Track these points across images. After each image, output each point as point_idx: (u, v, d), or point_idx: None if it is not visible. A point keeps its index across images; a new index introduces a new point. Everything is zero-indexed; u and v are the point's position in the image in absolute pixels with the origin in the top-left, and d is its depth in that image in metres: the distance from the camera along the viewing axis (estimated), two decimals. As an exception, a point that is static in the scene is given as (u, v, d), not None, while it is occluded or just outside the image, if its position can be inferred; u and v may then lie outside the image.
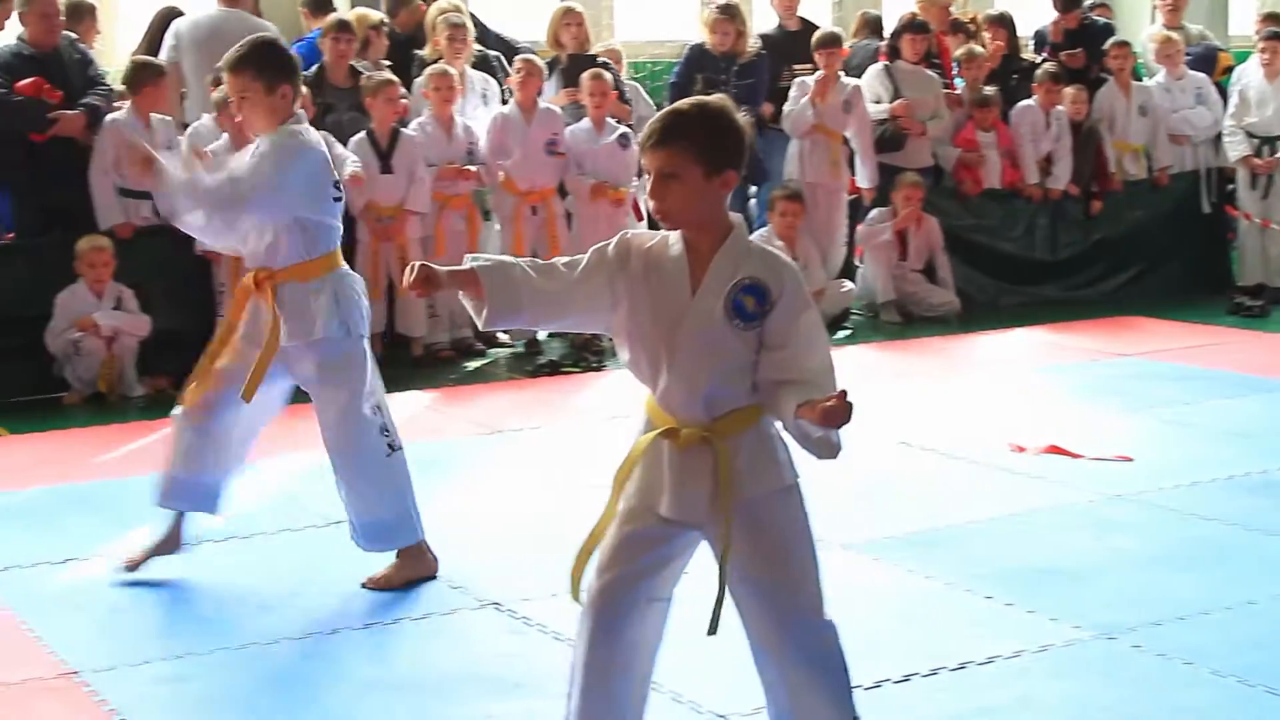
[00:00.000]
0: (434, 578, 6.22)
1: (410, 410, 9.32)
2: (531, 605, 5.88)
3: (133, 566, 6.29)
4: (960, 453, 8.04)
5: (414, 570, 6.24)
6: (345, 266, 6.36)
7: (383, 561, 6.23)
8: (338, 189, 6.25)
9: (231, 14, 10.99)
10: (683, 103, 4.06)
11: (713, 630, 4.18)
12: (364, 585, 6.16)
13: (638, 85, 12.85)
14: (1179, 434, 8.45)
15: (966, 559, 6.36)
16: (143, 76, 10.02)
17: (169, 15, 11.47)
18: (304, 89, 10.04)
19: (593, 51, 11.99)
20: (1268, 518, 6.84)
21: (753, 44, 12.24)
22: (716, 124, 3.98)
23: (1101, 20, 14.03)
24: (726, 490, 4.05)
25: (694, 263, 4.01)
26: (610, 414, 9.02)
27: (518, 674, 5.25)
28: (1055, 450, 7.96)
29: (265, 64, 6.07)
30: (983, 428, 8.54)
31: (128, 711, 5.00)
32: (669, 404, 4.02)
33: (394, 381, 9.94)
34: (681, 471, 4.04)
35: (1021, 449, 8.02)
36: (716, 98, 4.09)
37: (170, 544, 6.33)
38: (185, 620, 5.90)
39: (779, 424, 4.17)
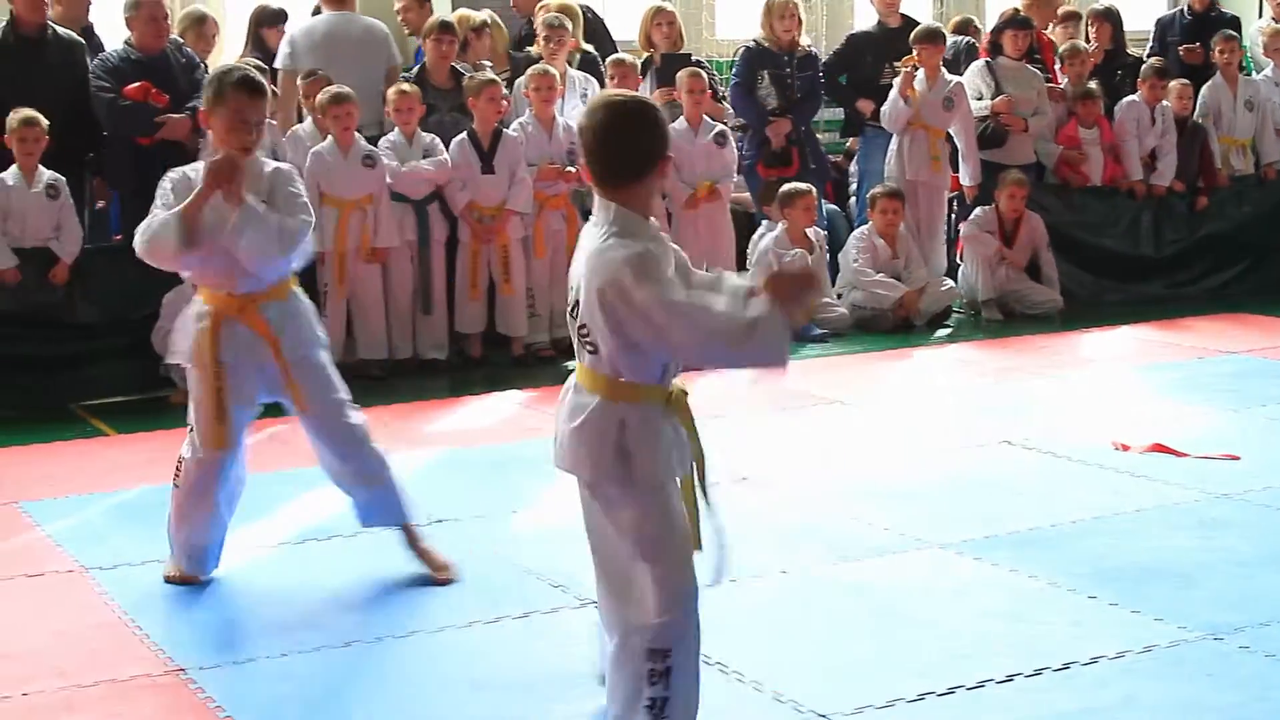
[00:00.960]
0: None
1: (510, 409, 9.39)
2: (633, 604, 5.89)
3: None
4: (1063, 451, 7.98)
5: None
6: None
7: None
8: None
9: (343, 17, 11.11)
10: None
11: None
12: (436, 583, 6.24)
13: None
14: (1286, 432, 8.37)
15: (1069, 559, 6.32)
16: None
17: (261, 16, 11.57)
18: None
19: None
20: (1377, 517, 6.78)
21: (805, 39, 12.26)
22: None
23: (1229, 13, 13.91)
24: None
25: None
26: (711, 413, 8.99)
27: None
28: (1160, 449, 7.90)
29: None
30: (1086, 426, 8.48)
31: (234, 709, 5.04)
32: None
33: (494, 381, 10.10)
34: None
35: (1126, 448, 7.97)
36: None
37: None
38: (288, 618, 5.93)
39: None
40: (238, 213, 5.86)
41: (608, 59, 11.38)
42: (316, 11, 11.50)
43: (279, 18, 11.67)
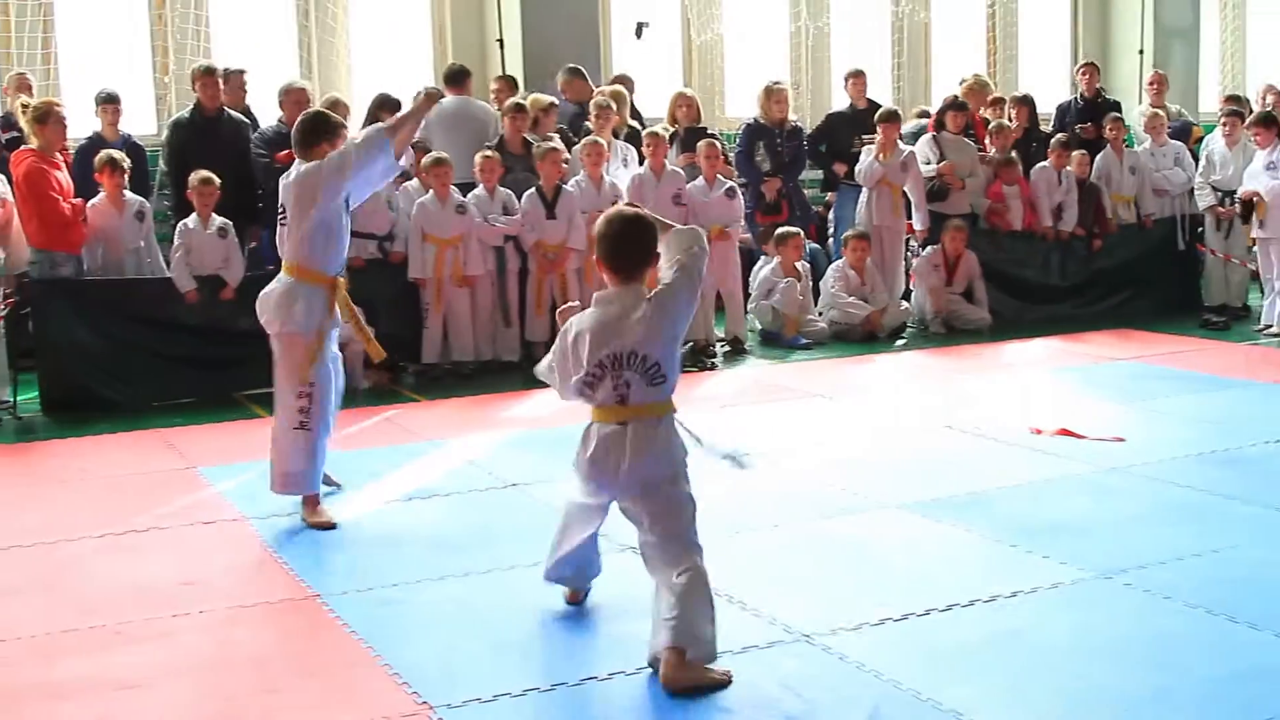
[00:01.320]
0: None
1: (565, 404, 9.37)
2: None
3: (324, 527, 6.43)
4: (991, 434, 7.96)
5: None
6: None
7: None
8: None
9: (463, 100, 11.40)
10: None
11: None
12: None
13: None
14: (1161, 420, 8.32)
15: (995, 516, 6.31)
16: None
17: (385, 100, 11.64)
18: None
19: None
20: (1230, 486, 6.73)
21: (792, 117, 12.27)
22: None
23: (1113, 99, 13.91)
24: None
25: None
26: (721, 404, 9.03)
27: (650, 602, 5.22)
28: (1065, 433, 7.87)
29: (297, 140, 6.59)
30: (1008, 415, 8.45)
31: (356, 625, 5.08)
32: None
33: (556, 380, 10.06)
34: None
35: (1039, 431, 7.94)
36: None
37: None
38: (399, 557, 5.94)
39: None
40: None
41: (644, 131, 11.36)
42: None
43: (395, 105, 11.74)
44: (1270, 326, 11.57)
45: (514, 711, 4.32)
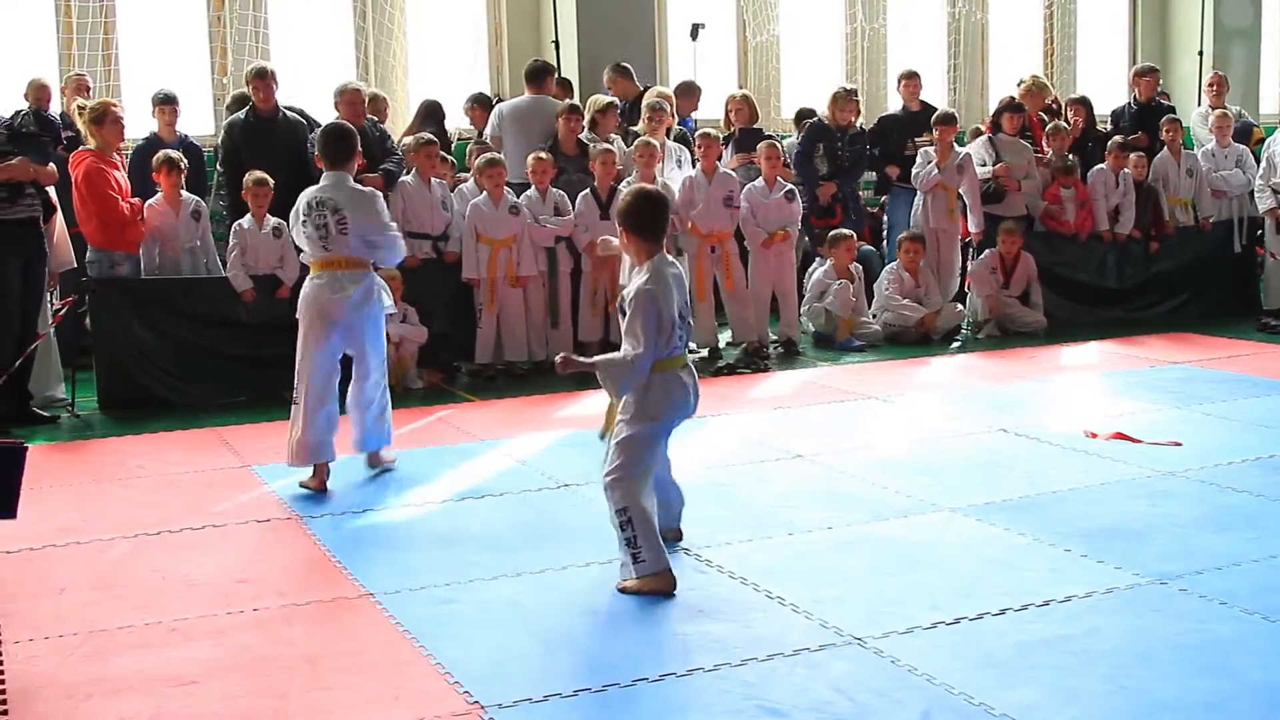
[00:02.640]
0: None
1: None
2: (712, 550, 5.90)
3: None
4: (1045, 437, 7.91)
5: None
6: None
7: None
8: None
9: (538, 99, 11.42)
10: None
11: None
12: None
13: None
14: (1218, 425, 8.24)
15: (1049, 520, 6.27)
16: (420, 148, 10.17)
17: (432, 106, 11.72)
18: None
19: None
20: (1289, 491, 6.68)
21: (859, 120, 12.25)
22: None
23: (1167, 103, 13.78)
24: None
25: None
26: (775, 405, 9.02)
27: (701, 603, 5.27)
28: (1121, 436, 7.82)
29: (323, 152, 7.23)
30: (1063, 418, 8.40)
31: (409, 624, 5.10)
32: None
33: (610, 379, 10.08)
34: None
35: (1094, 435, 7.89)
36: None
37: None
38: (451, 556, 5.97)
39: None
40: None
41: (697, 133, 11.35)
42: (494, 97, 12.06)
43: (440, 114, 11.87)
44: (1330, 330, 11.45)
45: (565, 712, 4.32)
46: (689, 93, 12.75)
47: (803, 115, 12.93)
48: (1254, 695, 4.32)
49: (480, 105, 12.24)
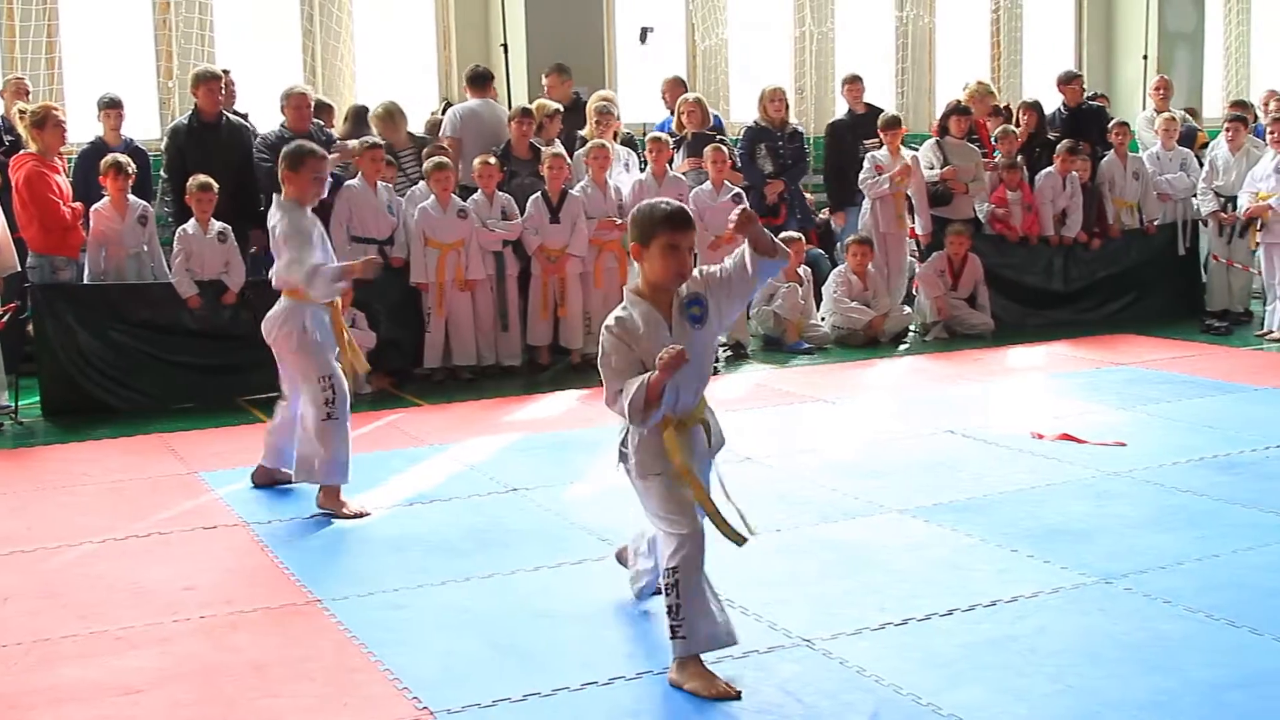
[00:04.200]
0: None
1: (569, 404, 9.40)
2: (662, 553, 5.91)
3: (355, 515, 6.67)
4: (992, 439, 7.97)
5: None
6: None
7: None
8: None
9: (486, 103, 11.52)
10: (673, 203, 4.62)
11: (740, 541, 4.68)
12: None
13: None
14: (1162, 425, 8.33)
15: (997, 521, 6.31)
16: (365, 152, 10.13)
17: (361, 110, 11.68)
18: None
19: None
20: (1230, 490, 6.75)
21: (793, 120, 12.31)
22: None
23: (1096, 105, 13.90)
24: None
25: (663, 306, 4.56)
26: (724, 408, 9.00)
27: (652, 606, 5.26)
28: (1066, 437, 7.88)
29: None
30: (1010, 419, 8.47)
31: (357, 630, 5.08)
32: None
33: (556, 382, 10.14)
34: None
35: (1040, 436, 7.95)
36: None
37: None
38: (399, 561, 5.96)
39: None
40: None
41: (648, 136, 11.36)
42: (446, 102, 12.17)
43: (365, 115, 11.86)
44: (1272, 332, 11.58)
45: (514, 716, 4.32)
46: (679, 87, 12.81)
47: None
48: (1198, 693, 4.37)
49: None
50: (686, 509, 4.53)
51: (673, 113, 12.32)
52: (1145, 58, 16.74)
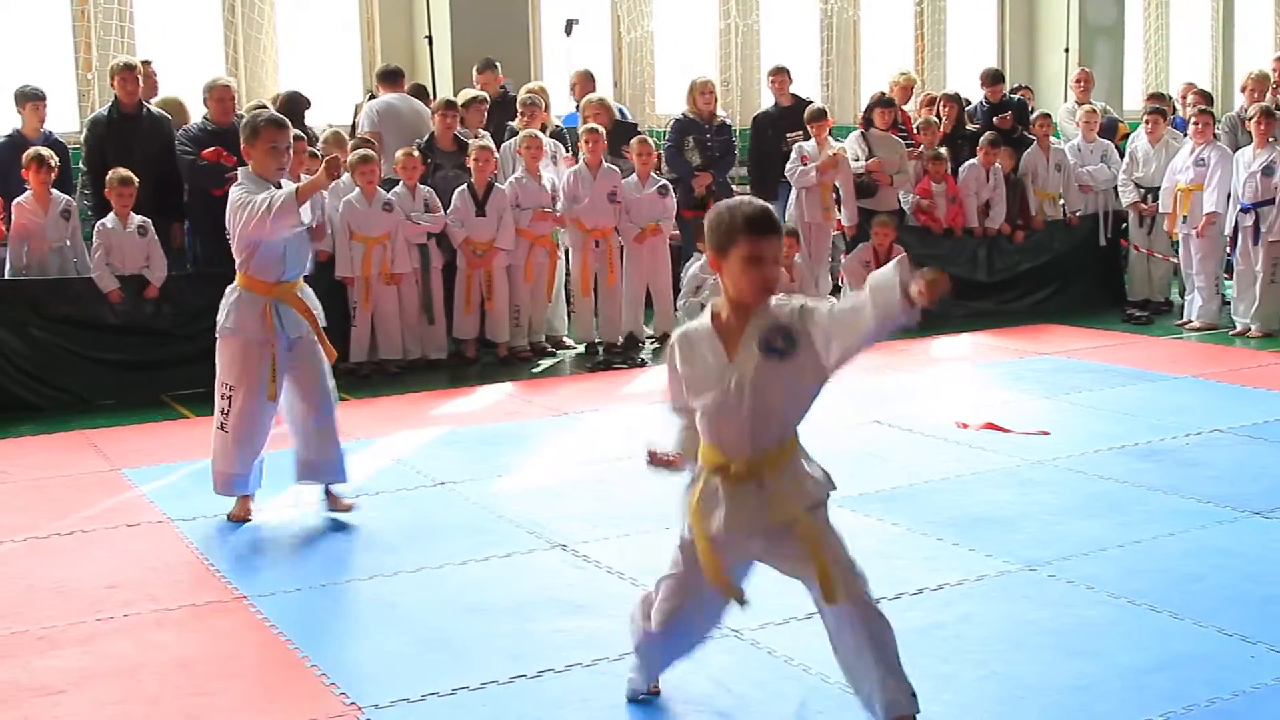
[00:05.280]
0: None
1: (496, 397, 9.39)
2: (590, 546, 5.92)
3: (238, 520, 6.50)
4: (918, 428, 8.04)
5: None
6: None
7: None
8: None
9: (400, 96, 11.65)
10: (758, 203, 3.91)
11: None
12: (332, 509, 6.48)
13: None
14: (1085, 414, 8.43)
15: (922, 510, 6.38)
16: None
17: (292, 99, 11.61)
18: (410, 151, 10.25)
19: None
20: (1150, 477, 6.85)
21: (720, 112, 12.35)
22: None
23: (1018, 98, 14.03)
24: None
25: (728, 328, 3.86)
26: (650, 400, 9.04)
27: (580, 598, 5.29)
28: (991, 426, 7.96)
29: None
30: (935, 409, 8.54)
31: (284, 626, 5.06)
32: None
33: (484, 376, 10.11)
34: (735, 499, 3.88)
35: (965, 425, 8.03)
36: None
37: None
38: (326, 556, 5.95)
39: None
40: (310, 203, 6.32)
41: (583, 128, 11.32)
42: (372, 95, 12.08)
43: (304, 103, 11.75)
44: (1191, 321, 11.75)
45: (444, 711, 4.31)
46: (589, 82, 12.80)
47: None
48: (1121, 677, 4.43)
49: None
50: (688, 576, 3.98)
51: (578, 108, 12.33)
52: (1067, 51, 16.92)
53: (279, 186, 6.31)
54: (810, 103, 12.56)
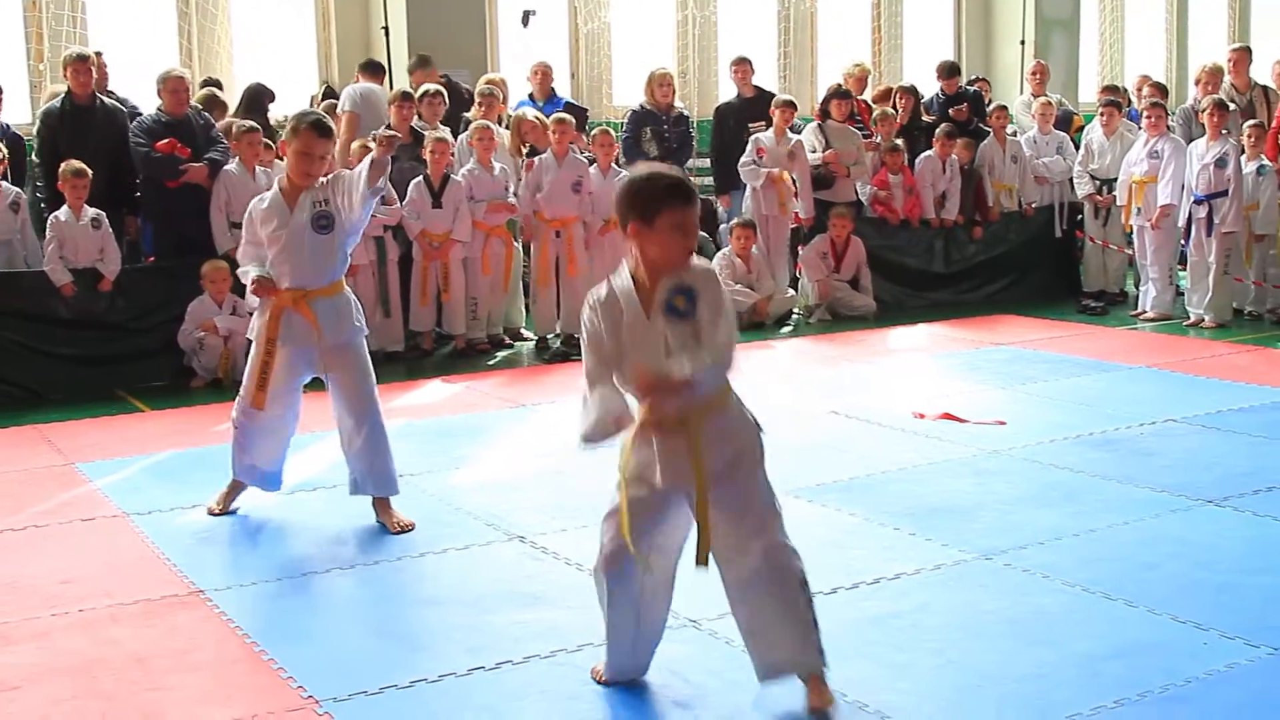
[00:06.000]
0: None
1: (453, 390, 9.37)
2: (548, 538, 5.92)
3: (214, 513, 6.41)
4: (875, 419, 8.07)
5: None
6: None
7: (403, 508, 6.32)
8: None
9: (382, 88, 11.77)
10: (674, 171, 4.13)
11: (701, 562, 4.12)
12: (394, 532, 6.12)
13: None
14: (1040, 404, 8.48)
15: (880, 500, 6.40)
16: (242, 136, 10.01)
17: (257, 91, 11.59)
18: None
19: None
20: (1105, 466, 6.89)
21: (678, 104, 12.37)
22: None
23: (974, 90, 14.09)
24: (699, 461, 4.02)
25: (643, 290, 4.00)
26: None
27: (538, 590, 5.29)
28: (947, 416, 8.00)
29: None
30: (892, 400, 8.57)
31: (241, 620, 5.03)
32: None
33: (439, 368, 10.11)
34: (667, 451, 4.02)
35: (922, 416, 8.06)
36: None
37: (231, 500, 6.47)
38: (284, 550, 5.93)
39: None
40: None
41: (552, 117, 11.27)
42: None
43: (269, 96, 11.74)
44: (1145, 312, 11.83)
45: (402, 703, 4.31)
46: (543, 73, 12.78)
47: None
48: (1077, 664, 4.47)
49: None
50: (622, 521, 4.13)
51: (532, 99, 12.36)
52: (1022, 43, 17.02)
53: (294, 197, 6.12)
54: (773, 95, 12.58)
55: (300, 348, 6.15)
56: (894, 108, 13.10)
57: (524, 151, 10.91)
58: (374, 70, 11.95)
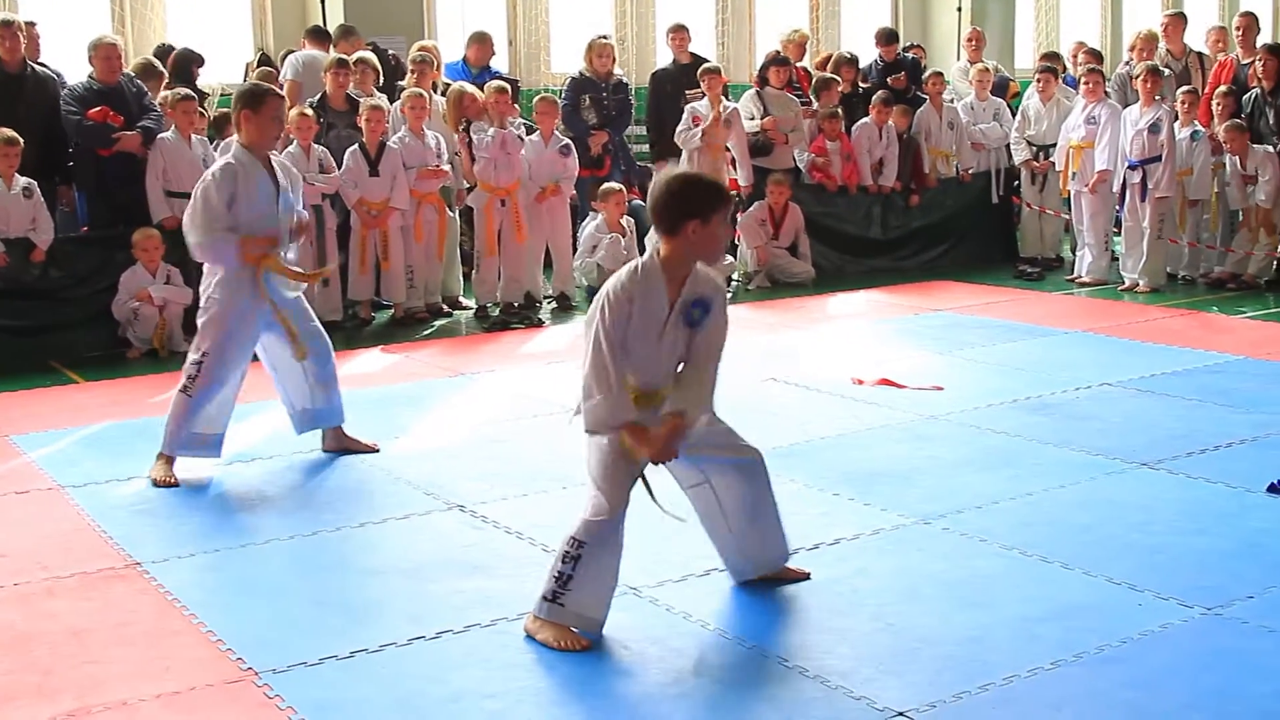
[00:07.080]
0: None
1: (392, 359, 9.32)
2: (488, 507, 5.90)
3: (159, 484, 6.39)
4: (814, 385, 8.10)
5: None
6: None
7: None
8: None
9: (318, 53, 11.80)
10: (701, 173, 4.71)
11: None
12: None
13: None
14: (977, 369, 8.54)
15: (819, 466, 6.43)
16: (177, 104, 9.91)
17: (185, 57, 11.47)
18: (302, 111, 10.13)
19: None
20: (1042, 431, 6.95)
21: (617, 71, 12.35)
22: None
23: (912, 57, 14.14)
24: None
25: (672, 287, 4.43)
26: (547, 360, 9.04)
27: (477, 560, 5.28)
28: (886, 382, 8.04)
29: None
30: (831, 366, 8.60)
31: (178, 592, 4.99)
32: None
33: (379, 337, 10.08)
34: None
35: (860, 381, 8.10)
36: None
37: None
38: (222, 522, 5.88)
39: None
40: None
41: (488, 85, 11.19)
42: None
43: (199, 60, 11.63)
44: (1081, 276, 11.93)
45: (341, 673, 4.28)
46: (482, 41, 12.66)
47: None
48: (1012, 627, 4.51)
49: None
50: (619, 487, 4.46)
51: (466, 64, 12.33)
52: (959, 10, 17.08)
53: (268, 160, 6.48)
54: (706, 61, 12.57)
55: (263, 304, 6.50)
56: (837, 76, 13.09)
57: (461, 126, 10.82)
58: (320, 37, 11.96)
